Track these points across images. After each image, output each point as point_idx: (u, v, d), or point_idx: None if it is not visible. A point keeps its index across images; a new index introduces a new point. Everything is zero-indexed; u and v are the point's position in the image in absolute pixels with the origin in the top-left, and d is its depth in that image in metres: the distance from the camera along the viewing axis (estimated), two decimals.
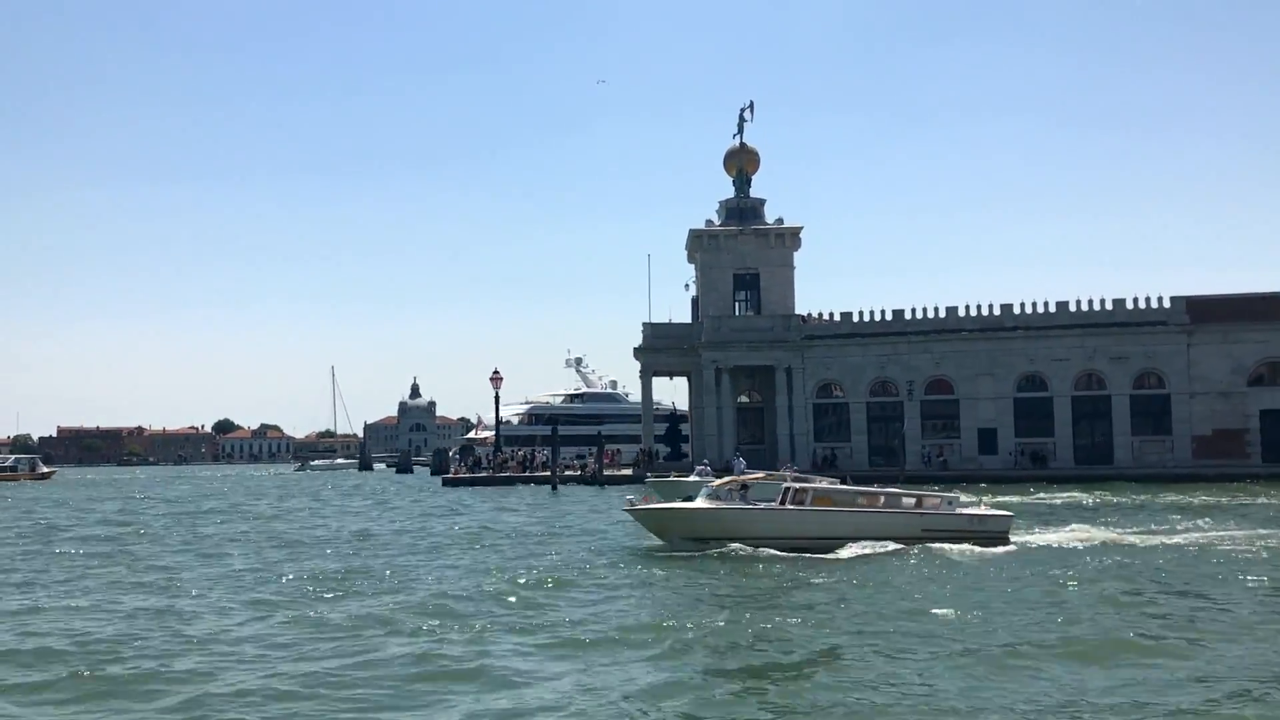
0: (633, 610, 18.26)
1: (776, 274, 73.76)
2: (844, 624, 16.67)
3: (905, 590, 19.96)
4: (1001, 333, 67.79)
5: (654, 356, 75.32)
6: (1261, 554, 24.61)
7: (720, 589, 20.74)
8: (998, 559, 24.22)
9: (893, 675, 13.17)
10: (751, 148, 76.45)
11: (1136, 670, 13.41)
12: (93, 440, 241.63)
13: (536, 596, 19.55)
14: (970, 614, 17.17)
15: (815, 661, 14.10)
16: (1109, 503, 44.22)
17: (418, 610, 18.11)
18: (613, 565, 24.42)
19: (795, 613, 17.63)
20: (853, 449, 69.87)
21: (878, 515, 26.27)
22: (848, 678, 13.13)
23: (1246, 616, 16.92)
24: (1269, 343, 64.36)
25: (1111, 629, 15.94)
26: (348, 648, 15.09)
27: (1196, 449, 64.83)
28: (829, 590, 20.21)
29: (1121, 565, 22.97)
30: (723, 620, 16.97)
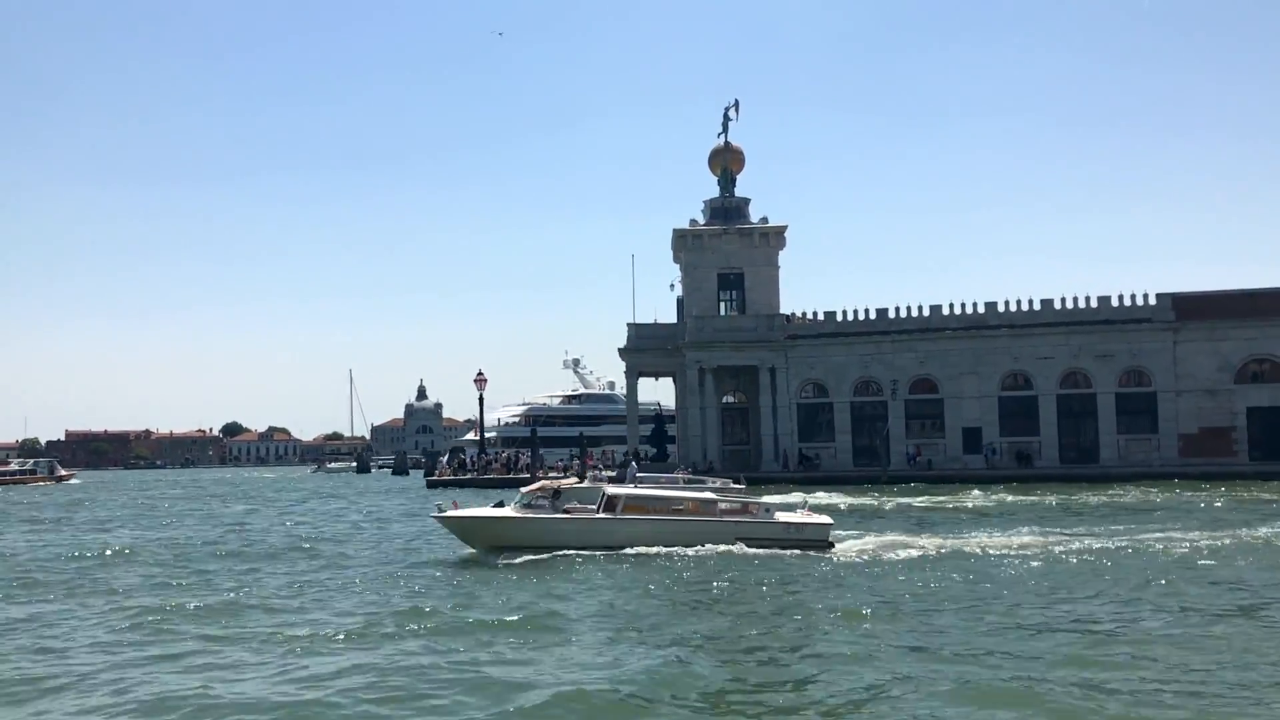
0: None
1: (761, 273, 73.26)
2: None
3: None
4: (986, 331, 67.19)
5: (639, 357, 74.97)
6: (1104, 561, 24.04)
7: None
8: (779, 566, 23.81)
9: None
10: (736, 146, 76.00)
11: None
12: (100, 444, 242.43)
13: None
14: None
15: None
16: (1020, 504, 44.00)
17: None
18: (381, 578, 23.65)
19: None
20: (837, 449, 69.35)
21: (690, 523, 26.17)
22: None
23: (973, 630, 16.55)
24: (1256, 339, 63.62)
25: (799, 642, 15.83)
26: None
27: (1183, 447, 64.17)
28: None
29: (918, 572, 22.92)
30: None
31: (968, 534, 30.06)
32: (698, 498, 27.62)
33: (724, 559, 24.99)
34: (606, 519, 26.37)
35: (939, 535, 29.78)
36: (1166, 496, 46.69)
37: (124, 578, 24.49)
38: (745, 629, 16.72)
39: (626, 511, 26.47)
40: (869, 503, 47.03)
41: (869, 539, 28.55)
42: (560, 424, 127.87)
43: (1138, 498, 46.29)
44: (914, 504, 45.34)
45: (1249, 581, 20.96)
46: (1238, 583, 20.82)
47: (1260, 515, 34.59)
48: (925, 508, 43.28)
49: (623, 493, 27.05)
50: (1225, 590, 19.96)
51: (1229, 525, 31.58)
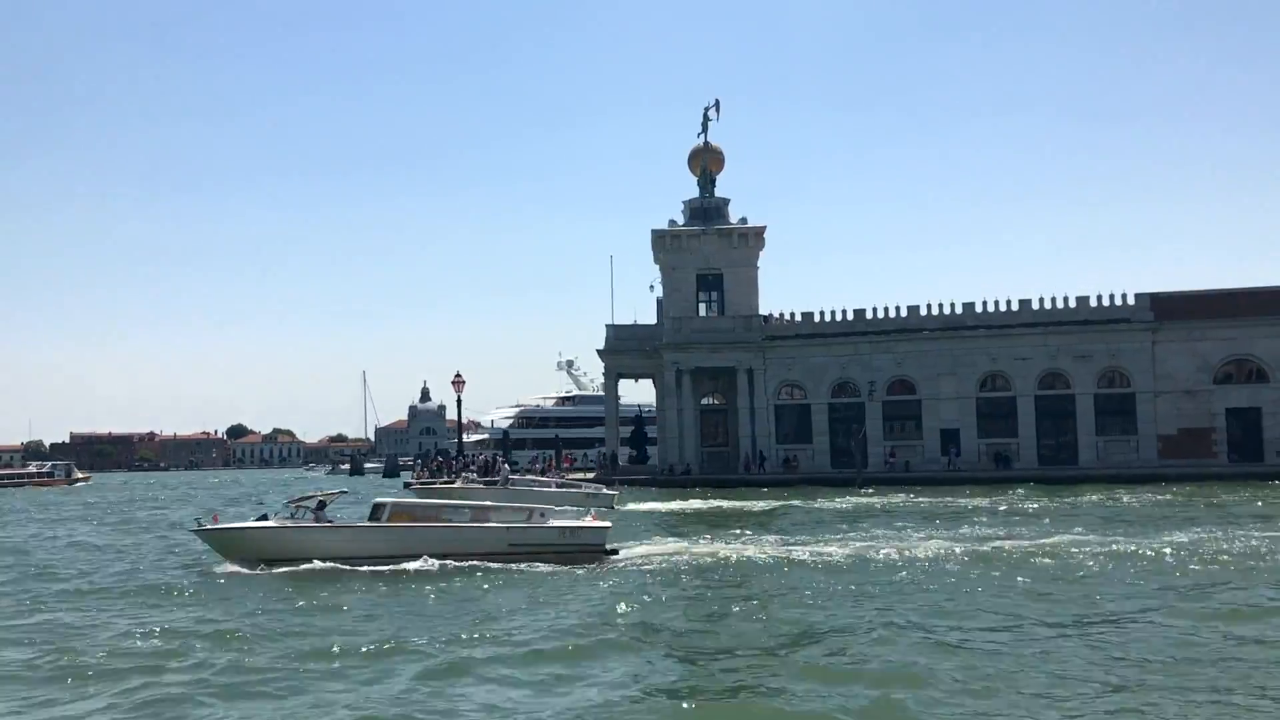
0: None
1: (740, 274, 72.82)
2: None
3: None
4: (963, 332, 66.71)
5: (618, 358, 74.64)
6: (847, 569, 23.54)
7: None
8: (540, 578, 23.04)
9: None
10: (716, 146, 75.60)
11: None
12: (104, 446, 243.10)
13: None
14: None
15: None
16: (935, 507, 43.46)
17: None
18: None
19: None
20: (815, 451, 68.92)
21: (458, 531, 25.02)
22: None
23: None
24: (1235, 340, 63.04)
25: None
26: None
27: (1162, 449, 63.61)
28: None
29: (671, 577, 22.68)
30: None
31: (802, 540, 29.42)
32: (471, 505, 26.58)
33: (462, 570, 23.71)
34: (370, 529, 25.05)
35: (758, 541, 29.11)
36: (1101, 498, 46.03)
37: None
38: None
39: (394, 520, 25.09)
40: (776, 505, 46.91)
41: (667, 544, 27.93)
42: (554, 426, 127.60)
43: (1061, 502, 45.18)
44: (833, 506, 45.25)
45: (1022, 589, 20.51)
46: (1015, 590, 20.35)
47: (1173, 522, 33.58)
48: (839, 510, 43.07)
49: (389, 501, 25.93)
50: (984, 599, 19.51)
51: (1116, 530, 30.92)
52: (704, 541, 28.73)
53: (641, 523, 38.82)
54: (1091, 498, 46.64)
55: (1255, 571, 22.04)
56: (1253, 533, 29.04)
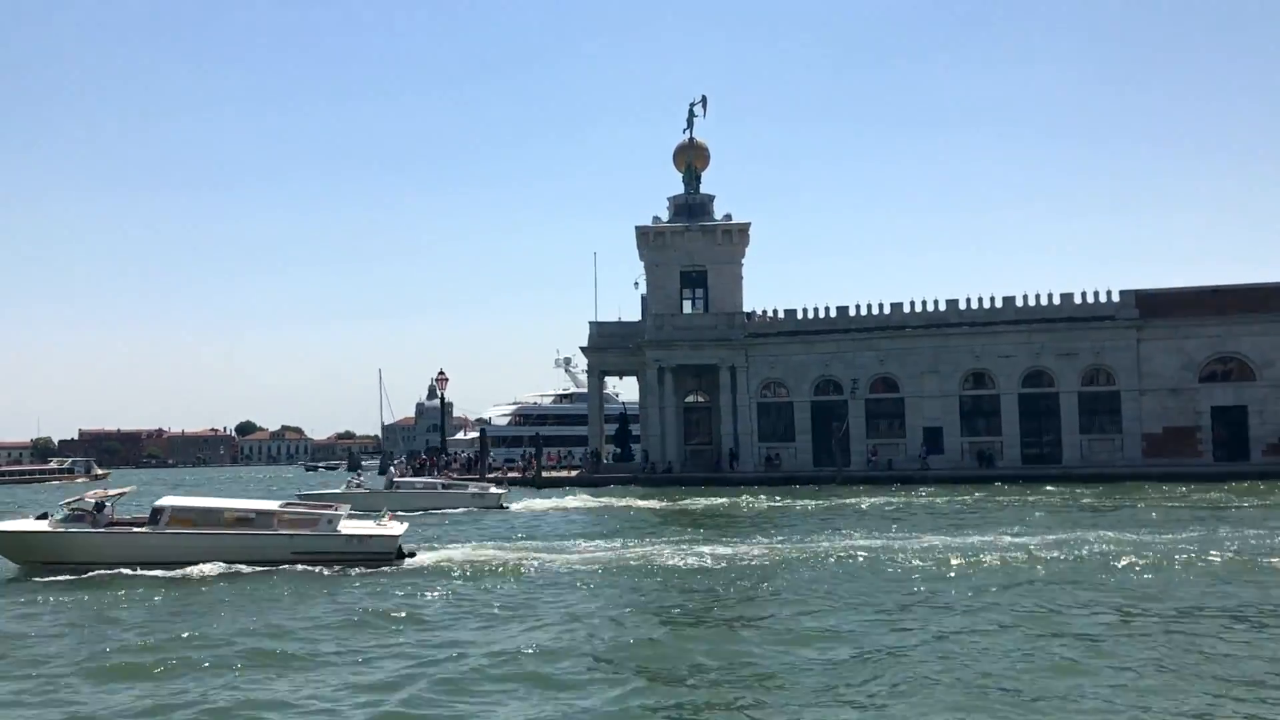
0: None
1: (724, 271, 72.39)
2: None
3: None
4: (947, 329, 66.14)
5: (601, 356, 74.27)
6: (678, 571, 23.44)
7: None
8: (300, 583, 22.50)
9: None
10: (701, 143, 75.10)
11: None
12: (112, 443, 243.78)
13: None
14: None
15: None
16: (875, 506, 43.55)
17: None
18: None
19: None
20: (797, 449, 68.42)
21: (240, 537, 24.37)
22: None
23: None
24: (1220, 338, 62.28)
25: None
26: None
27: (1147, 448, 62.92)
28: None
29: (461, 582, 22.53)
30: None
31: (634, 543, 29.22)
32: (255, 508, 25.84)
33: (233, 576, 23.35)
34: (148, 534, 24.21)
35: (581, 545, 28.82)
36: (1014, 499, 45.69)
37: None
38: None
39: (173, 525, 24.28)
40: (715, 503, 46.65)
41: (466, 549, 27.47)
42: (551, 423, 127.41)
43: (1000, 500, 45.14)
44: (757, 505, 45.15)
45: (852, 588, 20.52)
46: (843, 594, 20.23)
47: (1092, 523, 33.17)
48: (761, 510, 42.88)
49: (169, 504, 25.19)
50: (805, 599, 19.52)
51: (1023, 530, 30.70)
52: (513, 547, 28.33)
53: (535, 523, 38.82)
54: (999, 498, 46.69)
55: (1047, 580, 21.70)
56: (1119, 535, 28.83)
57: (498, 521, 40.09)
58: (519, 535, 33.16)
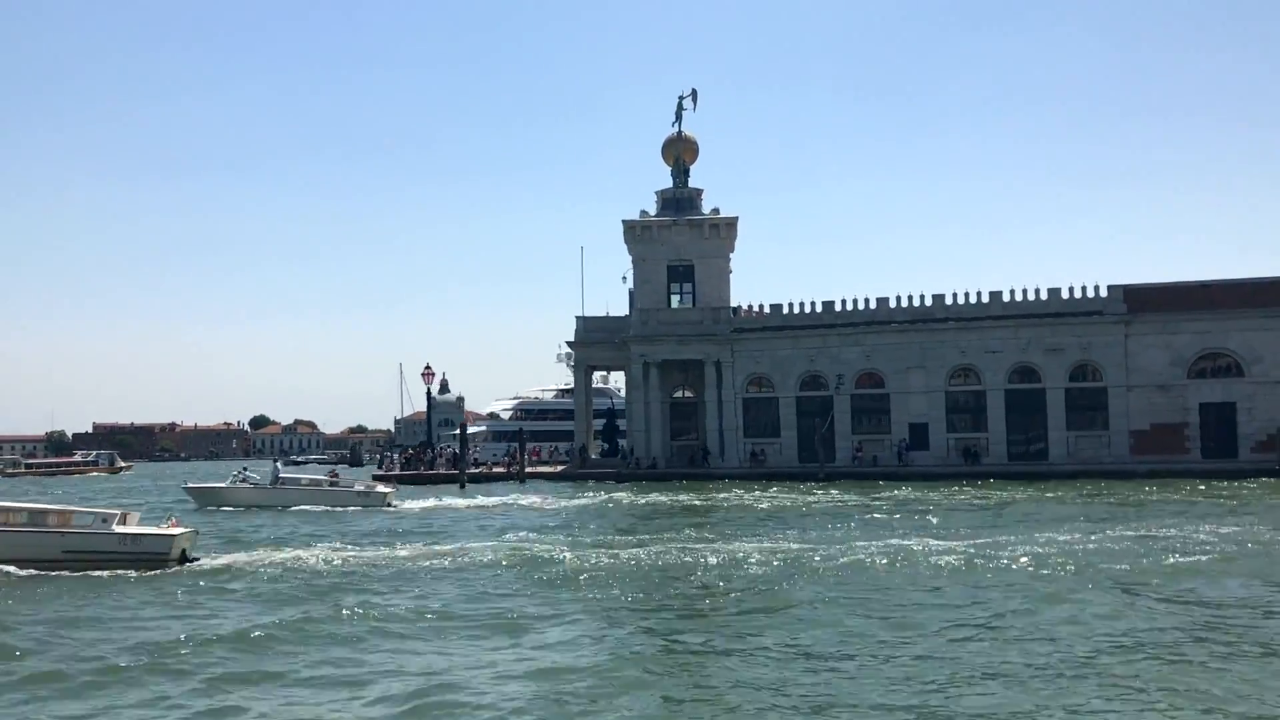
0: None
1: (711, 265, 71.90)
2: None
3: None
4: (933, 324, 65.44)
5: (588, 350, 73.86)
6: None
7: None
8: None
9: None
10: (690, 136, 74.58)
11: None
12: (125, 436, 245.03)
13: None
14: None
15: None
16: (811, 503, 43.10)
17: None
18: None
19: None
20: (782, 445, 67.93)
21: (7, 535, 23.81)
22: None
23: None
24: (1209, 333, 61.34)
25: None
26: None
27: (1135, 444, 62.08)
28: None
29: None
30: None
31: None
32: (30, 509, 25.33)
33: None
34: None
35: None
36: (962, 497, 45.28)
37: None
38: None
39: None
40: (663, 499, 46.23)
41: (254, 554, 26.88)
42: (552, 418, 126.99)
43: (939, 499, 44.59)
44: (679, 502, 44.90)
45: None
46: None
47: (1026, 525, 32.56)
48: (682, 506, 42.50)
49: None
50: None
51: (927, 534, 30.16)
52: (310, 547, 27.79)
53: (407, 523, 37.75)
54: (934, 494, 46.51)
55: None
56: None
57: (379, 521, 38.70)
58: (382, 536, 32.14)
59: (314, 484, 46.21)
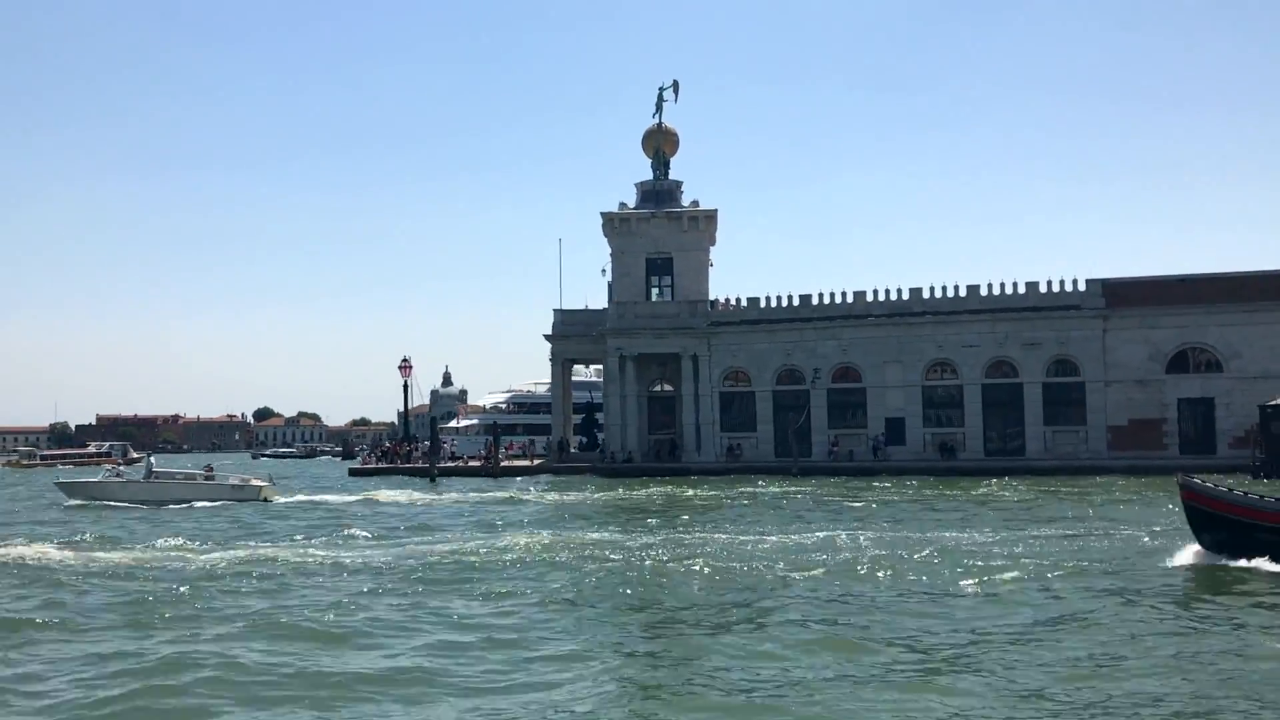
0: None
1: (690, 258, 71.34)
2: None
3: None
4: (910, 318, 64.82)
5: (566, 344, 73.36)
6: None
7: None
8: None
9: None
10: (670, 128, 73.98)
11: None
12: (128, 428, 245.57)
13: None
14: None
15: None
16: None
17: None
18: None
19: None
20: (759, 439, 67.40)
21: None
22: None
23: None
24: (1188, 328, 60.65)
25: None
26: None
27: (1112, 440, 61.45)
28: None
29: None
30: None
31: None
32: None
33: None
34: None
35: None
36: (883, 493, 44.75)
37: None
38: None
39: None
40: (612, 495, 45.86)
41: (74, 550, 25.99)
42: (545, 411, 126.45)
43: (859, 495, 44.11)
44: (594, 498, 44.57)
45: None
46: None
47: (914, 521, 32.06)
48: (597, 503, 42.10)
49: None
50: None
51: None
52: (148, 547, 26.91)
53: (268, 519, 36.26)
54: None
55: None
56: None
57: (246, 516, 37.25)
58: (231, 532, 31.02)
59: (188, 479, 45.33)
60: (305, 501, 44.66)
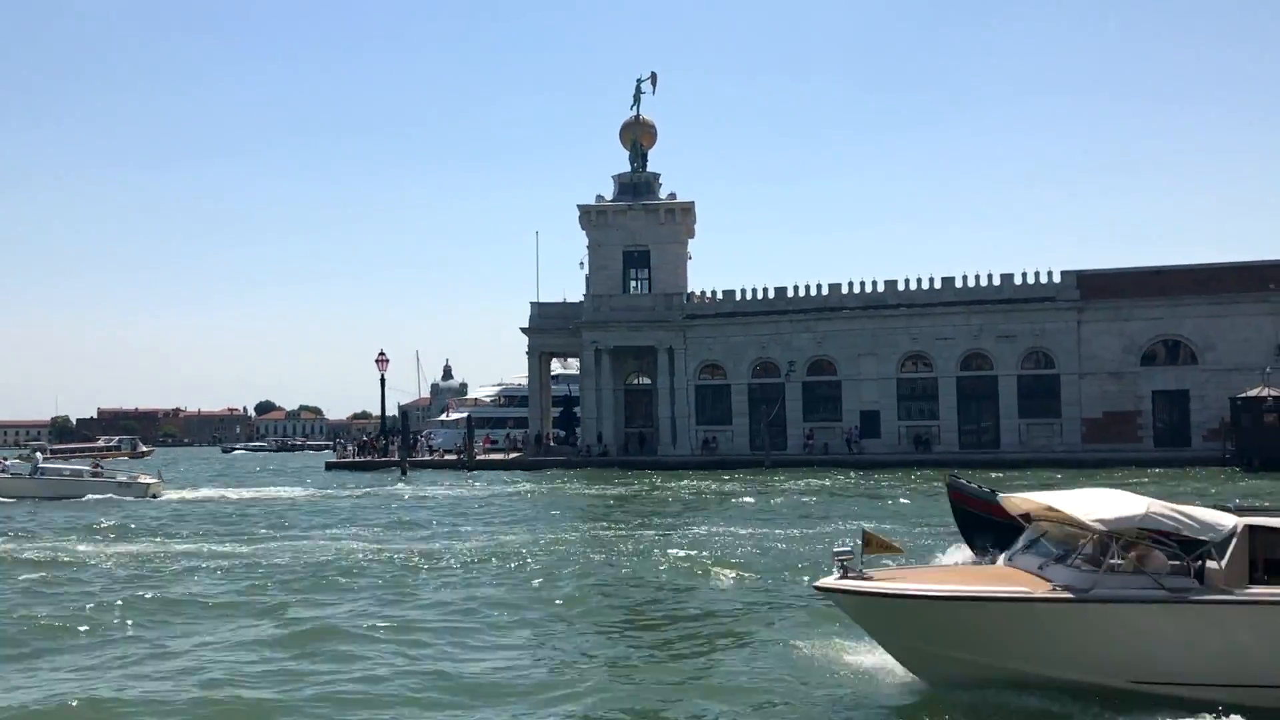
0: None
1: (667, 251, 71.09)
2: None
3: None
4: (884, 310, 64.47)
5: (542, 337, 73.11)
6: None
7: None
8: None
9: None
10: (647, 120, 73.65)
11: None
12: (129, 421, 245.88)
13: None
14: None
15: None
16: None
17: None
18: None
19: None
20: (734, 432, 67.14)
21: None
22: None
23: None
24: (1162, 319, 60.18)
25: None
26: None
27: (1086, 433, 61.06)
28: None
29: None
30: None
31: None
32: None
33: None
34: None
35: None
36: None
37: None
38: None
39: None
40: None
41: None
42: None
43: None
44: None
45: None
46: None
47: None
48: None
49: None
50: None
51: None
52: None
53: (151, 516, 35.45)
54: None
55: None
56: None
57: (131, 511, 36.57)
58: (105, 528, 30.42)
59: (75, 475, 45.07)
60: (203, 498, 44.01)
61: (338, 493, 46.07)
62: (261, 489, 48.48)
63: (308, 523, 32.29)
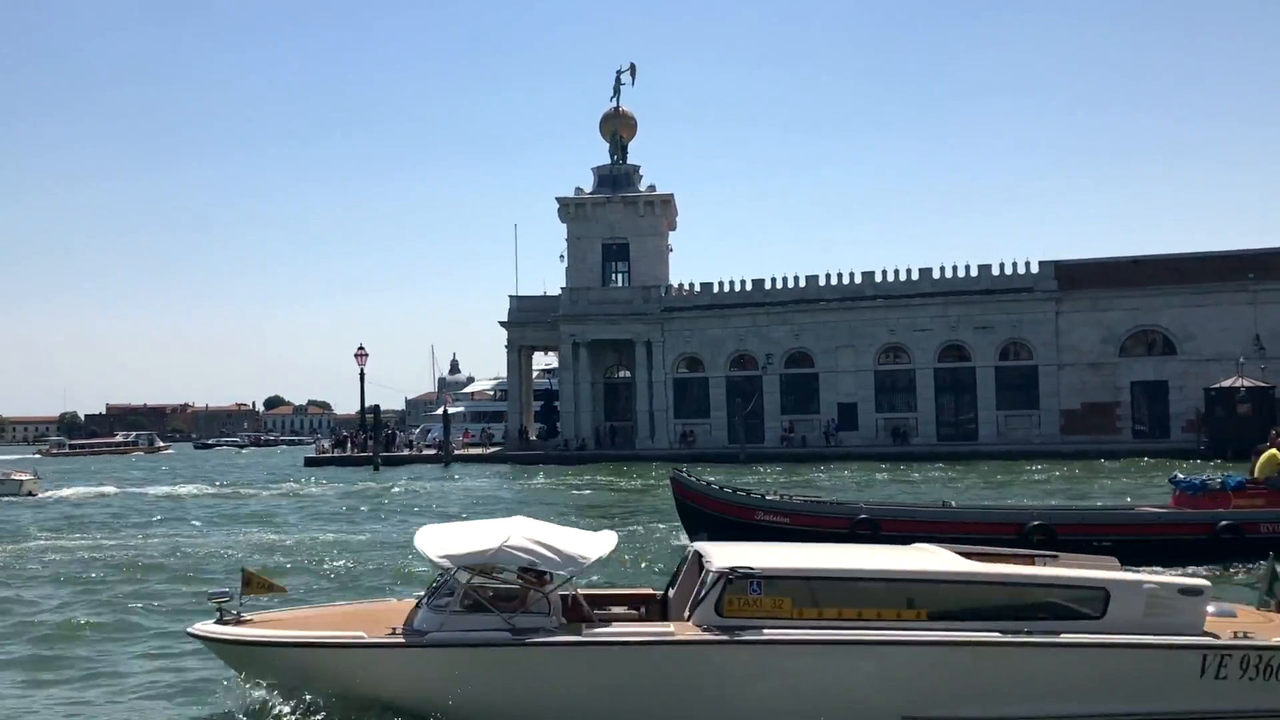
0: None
1: (647, 244, 70.77)
2: None
3: None
4: (862, 302, 63.93)
5: (521, 330, 72.89)
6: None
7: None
8: None
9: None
10: (627, 112, 73.29)
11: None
12: (137, 417, 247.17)
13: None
14: None
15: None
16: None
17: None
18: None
19: None
20: (712, 425, 66.78)
21: None
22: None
23: None
24: (1141, 310, 59.52)
25: None
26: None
27: (1065, 424, 60.44)
28: None
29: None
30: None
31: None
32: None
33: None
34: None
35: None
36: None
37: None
38: None
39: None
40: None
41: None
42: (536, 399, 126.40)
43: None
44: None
45: None
46: None
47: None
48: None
49: None
50: None
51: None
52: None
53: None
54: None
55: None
56: None
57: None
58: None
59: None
60: (80, 496, 43.18)
61: (260, 491, 44.87)
62: (156, 486, 47.78)
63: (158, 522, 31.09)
